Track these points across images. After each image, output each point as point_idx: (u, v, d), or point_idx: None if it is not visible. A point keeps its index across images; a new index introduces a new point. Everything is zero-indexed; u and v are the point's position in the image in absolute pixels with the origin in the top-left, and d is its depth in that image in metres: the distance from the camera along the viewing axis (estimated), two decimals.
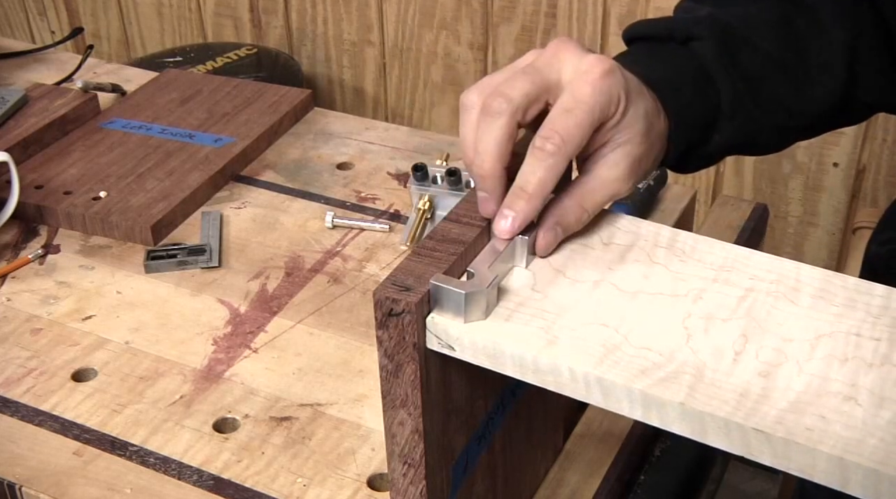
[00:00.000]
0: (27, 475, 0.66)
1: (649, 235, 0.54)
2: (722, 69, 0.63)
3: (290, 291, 0.82)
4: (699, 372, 0.45)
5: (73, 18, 2.16)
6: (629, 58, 0.55)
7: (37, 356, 0.76)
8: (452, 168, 0.84)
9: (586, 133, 0.52)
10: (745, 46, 0.64)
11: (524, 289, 0.50)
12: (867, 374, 0.45)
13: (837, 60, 0.66)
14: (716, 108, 0.63)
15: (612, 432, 0.69)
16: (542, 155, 0.51)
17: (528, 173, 0.51)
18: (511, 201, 0.51)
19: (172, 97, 1.08)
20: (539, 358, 0.46)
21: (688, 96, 0.61)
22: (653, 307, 0.49)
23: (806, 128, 0.70)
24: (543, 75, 0.52)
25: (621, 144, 0.54)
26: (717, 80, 0.63)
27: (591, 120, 0.51)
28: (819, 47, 0.66)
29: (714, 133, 0.64)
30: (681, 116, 0.60)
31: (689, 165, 0.66)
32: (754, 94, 0.64)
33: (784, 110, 0.66)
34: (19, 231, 0.90)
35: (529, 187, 0.51)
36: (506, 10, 1.66)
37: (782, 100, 0.66)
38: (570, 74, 0.53)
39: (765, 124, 0.66)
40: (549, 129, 0.51)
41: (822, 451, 0.41)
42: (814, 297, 0.49)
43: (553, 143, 0.51)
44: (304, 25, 1.87)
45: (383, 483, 0.65)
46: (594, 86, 0.52)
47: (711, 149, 0.65)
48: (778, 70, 0.65)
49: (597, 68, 0.52)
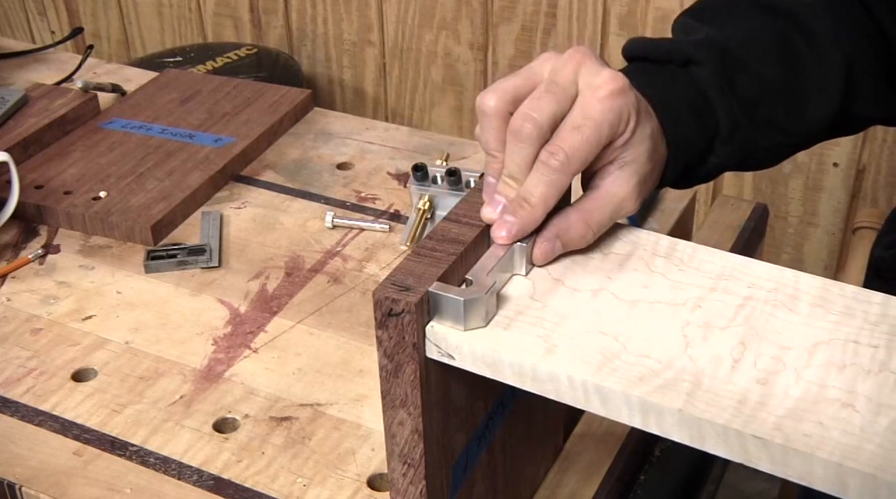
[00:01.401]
0: (27, 475, 0.66)
1: (648, 244, 0.54)
2: (720, 95, 0.63)
3: (290, 291, 0.82)
4: (697, 379, 0.45)
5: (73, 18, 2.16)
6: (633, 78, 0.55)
7: (37, 356, 0.76)
8: (452, 168, 0.84)
9: (593, 150, 0.52)
10: (743, 70, 0.64)
11: (523, 297, 0.50)
12: (865, 381, 0.45)
13: (835, 79, 0.66)
14: (713, 132, 0.64)
15: (612, 432, 0.69)
16: (546, 170, 0.51)
17: (531, 186, 0.51)
18: (513, 209, 0.52)
19: (172, 97, 1.08)
20: (538, 366, 0.46)
21: (686, 122, 0.61)
22: (651, 316, 0.49)
23: (802, 143, 0.70)
24: (567, 94, 0.52)
25: (629, 163, 0.54)
26: (715, 106, 0.63)
27: (598, 138, 0.52)
28: (817, 67, 0.66)
29: (710, 155, 0.65)
30: (679, 141, 0.60)
31: (686, 183, 0.66)
32: (751, 117, 0.64)
33: (780, 131, 0.66)
34: (19, 231, 0.90)
35: (532, 200, 0.51)
36: (506, 10, 1.66)
37: (779, 121, 0.66)
38: (583, 89, 0.53)
39: (760, 144, 0.66)
40: (556, 145, 0.51)
41: (821, 457, 0.41)
42: (812, 305, 0.50)
43: (558, 159, 0.51)
44: (304, 25, 1.88)
45: (383, 483, 0.65)
46: (604, 104, 0.52)
47: (707, 169, 0.66)
48: (775, 92, 0.65)
49: (609, 85, 0.52)
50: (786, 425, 0.42)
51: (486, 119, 0.53)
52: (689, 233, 0.96)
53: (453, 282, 0.49)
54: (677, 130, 0.60)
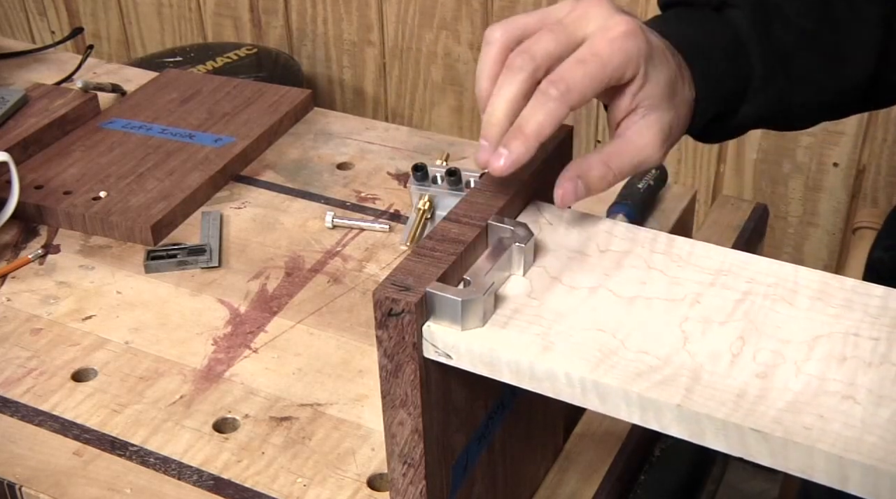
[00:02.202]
0: (27, 475, 0.66)
1: (646, 241, 0.54)
2: (755, 39, 0.62)
3: (290, 291, 0.82)
4: (696, 374, 0.45)
5: (73, 18, 2.16)
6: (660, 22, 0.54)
7: (37, 356, 0.76)
8: (452, 168, 0.84)
9: (595, 86, 0.51)
10: (780, 18, 0.63)
11: (521, 296, 0.50)
12: (866, 373, 0.45)
13: (871, 37, 0.66)
14: (746, 78, 0.63)
15: (612, 432, 0.69)
16: (544, 99, 0.50)
17: (527, 115, 0.51)
18: (507, 140, 0.51)
19: (172, 97, 1.08)
20: (535, 364, 0.46)
21: (718, 63, 0.60)
22: (650, 312, 0.49)
23: (834, 106, 0.69)
24: (569, 33, 0.52)
25: (650, 110, 0.54)
26: (749, 49, 0.62)
27: (602, 74, 0.51)
28: (853, 23, 0.65)
29: (743, 103, 0.64)
30: (709, 83, 0.59)
31: (714, 134, 0.65)
32: (786, 66, 0.64)
33: (814, 85, 0.66)
34: (19, 231, 0.90)
35: (527, 129, 0.50)
36: (506, 10, 1.66)
37: (813, 74, 0.65)
38: (593, 30, 0.52)
39: (794, 98, 0.65)
40: (557, 74, 0.51)
41: (821, 449, 0.41)
42: (811, 298, 0.49)
43: (557, 88, 0.50)
44: (304, 25, 1.88)
45: (383, 483, 0.65)
46: (612, 43, 0.51)
47: (739, 120, 0.65)
48: (811, 44, 0.64)
49: (620, 27, 0.52)
50: (786, 418, 0.42)
51: (487, 48, 0.53)
52: (689, 233, 0.96)
53: (452, 282, 0.49)
54: (709, 71, 0.59)
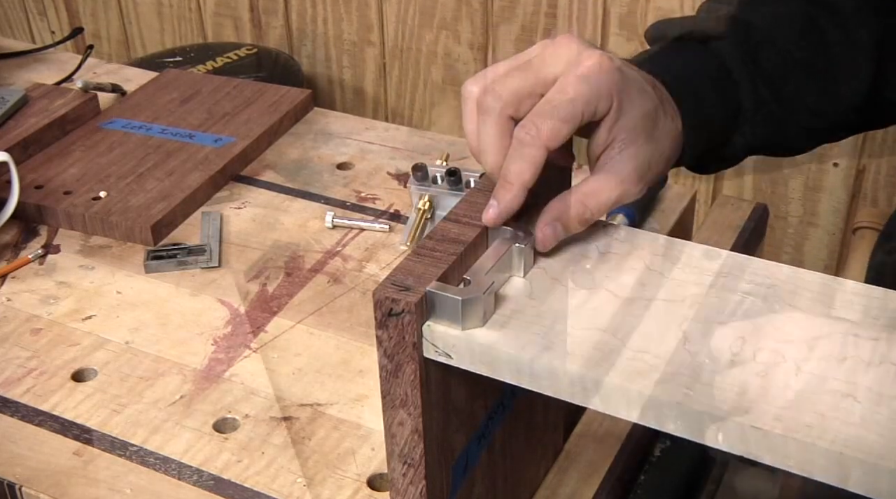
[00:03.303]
0: (27, 475, 0.66)
1: (646, 244, 0.54)
2: (742, 67, 0.62)
3: (290, 291, 0.82)
4: (696, 373, 0.45)
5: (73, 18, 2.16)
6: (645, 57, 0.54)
7: (37, 356, 0.76)
8: (452, 168, 0.84)
9: (569, 124, 0.51)
10: (767, 46, 0.63)
11: (521, 297, 0.50)
12: (866, 372, 0.45)
13: (863, 59, 0.65)
14: (736, 107, 0.63)
15: (612, 432, 0.69)
16: (519, 145, 0.51)
17: (507, 165, 0.52)
18: (495, 191, 0.52)
19: (172, 97, 1.08)
20: (535, 363, 0.46)
21: (706, 93, 0.60)
22: (650, 313, 0.49)
23: (832, 129, 0.69)
24: (536, 70, 0.53)
25: (627, 144, 0.54)
26: (737, 77, 0.62)
27: (572, 112, 0.51)
28: (844, 46, 0.65)
29: (735, 133, 0.64)
30: (698, 114, 0.59)
31: (709, 165, 0.65)
32: (776, 93, 0.63)
33: (807, 110, 0.65)
34: (19, 231, 0.90)
35: (509, 177, 0.51)
36: (506, 10, 1.66)
37: (805, 99, 0.65)
38: (563, 69, 0.53)
39: (788, 125, 0.65)
40: (528, 119, 0.51)
41: (822, 447, 0.41)
42: (811, 300, 0.49)
43: (529, 133, 0.51)
44: (304, 25, 1.88)
45: (383, 483, 0.65)
46: (581, 79, 0.51)
47: (733, 149, 0.64)
48: (800, 69, 0.64)
49: (588, 62, 0.52)
50: (786, 416, 0.42)
51: (465, 104, 0.54)
52: (689, 233, 0.96)
53: (453, 282, 0.49)
54: (696, 102, 0.59)
